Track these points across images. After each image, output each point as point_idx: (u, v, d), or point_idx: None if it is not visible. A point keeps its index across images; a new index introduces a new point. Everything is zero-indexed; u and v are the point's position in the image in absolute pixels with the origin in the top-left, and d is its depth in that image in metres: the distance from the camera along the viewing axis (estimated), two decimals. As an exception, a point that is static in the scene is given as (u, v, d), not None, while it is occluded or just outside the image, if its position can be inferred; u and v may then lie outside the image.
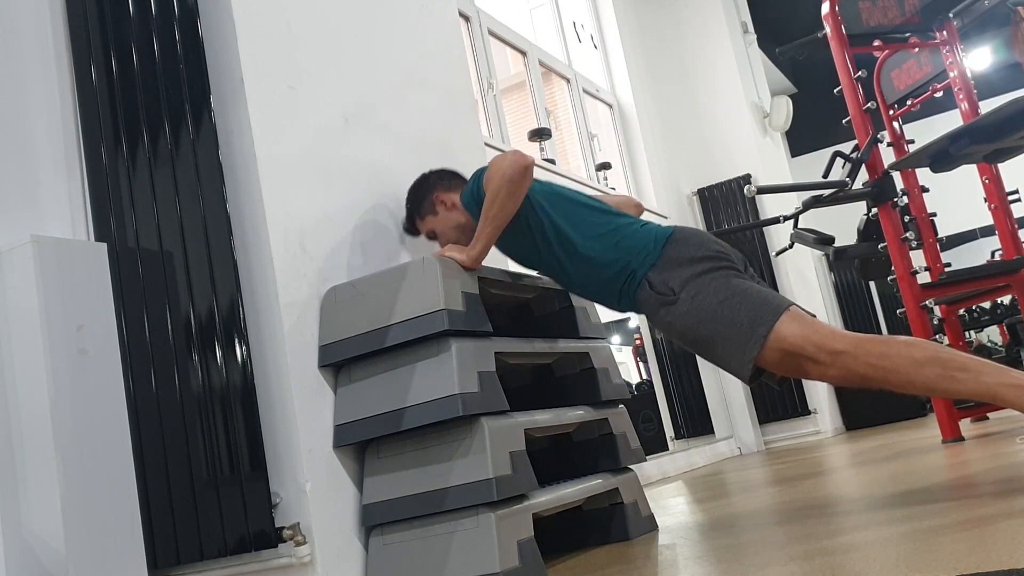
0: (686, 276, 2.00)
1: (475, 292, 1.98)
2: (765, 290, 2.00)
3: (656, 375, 5.49)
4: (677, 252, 2.05)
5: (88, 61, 2.11)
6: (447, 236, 2.25)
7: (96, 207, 2.06)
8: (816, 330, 1.89)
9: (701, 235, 2.12)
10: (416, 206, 2.29)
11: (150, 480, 1.91)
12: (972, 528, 1.49)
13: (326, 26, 2.31)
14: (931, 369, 1.79)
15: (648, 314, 2.09)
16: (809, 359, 1.88)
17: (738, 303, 1.94)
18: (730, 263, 2.04)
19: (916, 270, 3.69)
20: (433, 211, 2.26)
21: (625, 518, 2.23)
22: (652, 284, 2.03)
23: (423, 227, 2.30)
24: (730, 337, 1.93)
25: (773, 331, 1.89)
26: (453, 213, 2.24)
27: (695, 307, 1.97)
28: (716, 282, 1.98)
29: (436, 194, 2.26)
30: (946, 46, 4.11)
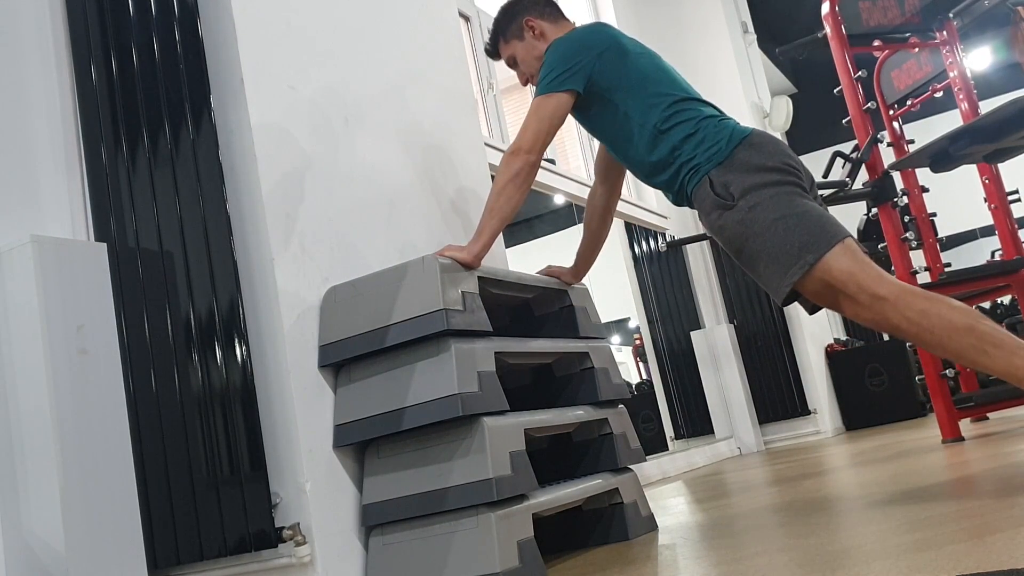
0: (749, 184, 1.95)
1: (475, 292, 1.98)
2: (826, 215, 1.95)
3: (656, 375, 5.50)
4: (747, 156, 1.99)
5: (88, 61, 2.11)
6: (529, 66, 2.18)
7: (96, 207, 2.06)
8: (864, 269, 1.85)
9: (777, 144, 2.06)
10: (503, 26, 2.21)
11: (150, 480, 1.91)
12: (972, 528, 1.49)
13: (326, 25, 2.31)
14: (966, 338, 1.76)
15: (701, 212, 2.04)
16: (849, 296, 1.85)
17: (793, 223, 1.90)
18: (797, 179, 1.99)
19: (916, 270, 3.69)
20: (520, 35, 2.18)
21: (625, 518, 2.23)
22: (713, 183, 1.98)
23: (505, 51, 2.22)
24: (776, 256, 1.90)
25: (822, 260, 1.86)
26: (540, 43, 2.16)
27: (750, 217, 1.93)
28: (777, 197, 1.93)
29: (528, 18, 2.18)
30: (946, 46, 4.11)
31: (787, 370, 5.52)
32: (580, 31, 2.19)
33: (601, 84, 2.10)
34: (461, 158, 2.75)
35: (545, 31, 2.16)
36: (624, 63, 2.11)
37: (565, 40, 2.14)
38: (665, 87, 2.11)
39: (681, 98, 2.10)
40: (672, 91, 2.11)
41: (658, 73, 2.14)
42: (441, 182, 2.60)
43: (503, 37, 2.21)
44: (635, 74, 2.11)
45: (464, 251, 1.99)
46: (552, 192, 4.45)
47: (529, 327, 2.39)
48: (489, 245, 2.03)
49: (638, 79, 2.10)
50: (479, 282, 2.02)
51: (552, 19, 2.19)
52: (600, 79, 2.10)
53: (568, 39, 2.14)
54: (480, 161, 2.87)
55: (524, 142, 2.06)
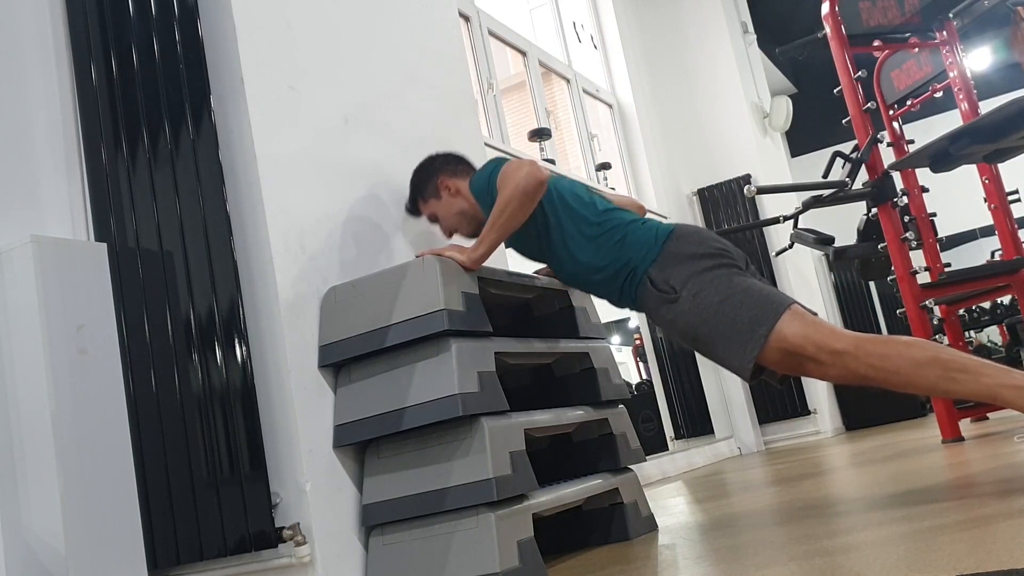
0: (687, 274, 2.00)
1: (475, 292, 1.98)
2: (767, 288, 2.00)
3: (656, 375, 5.49)
4: (678, 248, 2.05)
5: (88, 61, 2.11)
6: (449, 222, 2.24)
7: (96, 207, 2.06)
8: (817, 329, 1.89)
9: (702, 232, 2.12)
10: (420, 188, 2.27)
11: (150, 480, 1.91)
12: (972, 528, 1.49)
13: (326, 26, 2.31)
14: (931, 370, 1.79)
15: (649, 311, 2.09)
16: (810, 359, 1.88)
17: (739, 302, 1.94)
18: (731, 260, 2.04)
19: (916, 270, 3.69)
20: (436, 195, 2.24)
21: (625, 518, 2.23)
22: (653, 281, 2.04)
23: (425, 209, 2.28)
24: (731, 336, 1.94)
25: (774, 331, 1.89)
26: (456, 199, 2.22)
27: (696, 305, 1.97)
28: (717, 280, 1.98)
29: (441, 178, 2.24)
30: (946, 46, 4.11)
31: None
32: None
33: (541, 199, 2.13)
34: (461, 158, 2.74)
35: (460, 188, 2.24)
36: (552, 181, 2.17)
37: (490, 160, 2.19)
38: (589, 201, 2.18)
39: (605, 209, 2.17)
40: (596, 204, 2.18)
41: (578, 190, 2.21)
42: (441, 182, 2.60)
43: (421, 197, 2.29)
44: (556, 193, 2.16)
45: (464, 254, 1.99)
46: (552, 192, 4.44)
47: (529, 327, 2.39)
48: (488, 255, 2.04)
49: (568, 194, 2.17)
50: (479, 282, 2.02)
51: (464, 175, 2.26)
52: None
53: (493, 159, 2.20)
54: (480, 161, 2.86)
55: (528, 164, 2.05)
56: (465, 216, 2.23)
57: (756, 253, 5.71)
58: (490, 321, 2.00)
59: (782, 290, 2.09)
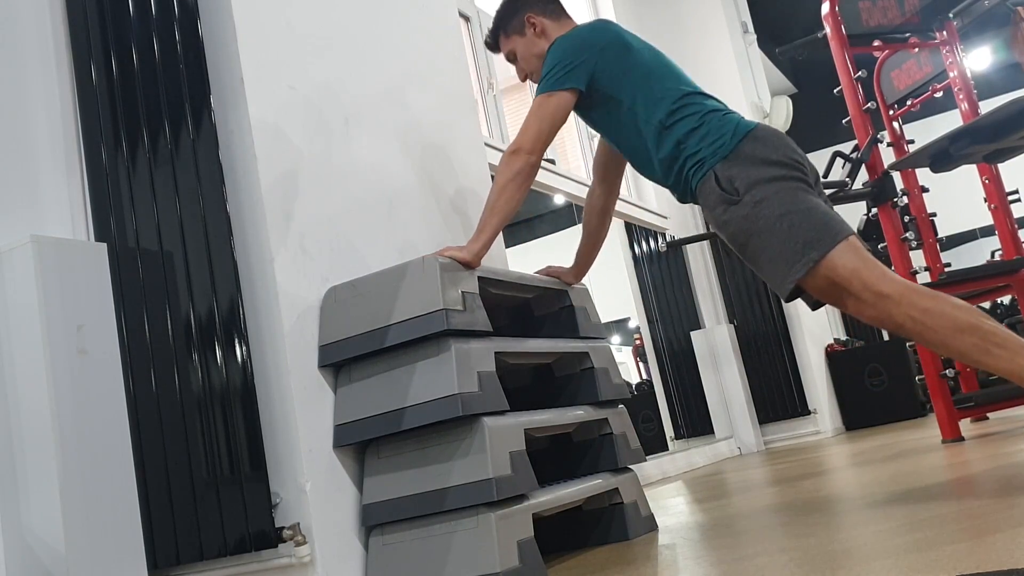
0: (754, 178, 1.94)
1: (475, 292, 1.98)
2: (830, 212, 1.95)
3: (656, 375, 5.49)
4: (752, 149, 1.98)
5: (88, 61, 2.11)
6: (528, 63, 2.16)
7: (96, 207, 2.06)
8: (868, 267, 1.85)
9: (782, 138, 2.05)
10: (505, 20, 2.20)
11: (150, 480, 1.91)
12: (972, 528, 1.49)
13: (326, 26, 2.31)
14: (969, 337, 1.75)
15: (706, 206, 2.03)
16: (852, 294, 1.85)
17: (798, 220, 1.89)
18: (802, 174, 1.98)
19: (916, 270, 3.69)
20: (521, 31, 2.17)
21: (625, 518, 2.23)
22: (718, 178, 1.97)
23: (505, 46, 2.21)
24: (780, 253, 1.89)
25: (826, 257, 1.85)
26: (541, 40, 2.15)
27: (755, 213, 1.92)
28: (782, 193, 1.92)
29: (529, 14, 2.17)
30: (946, 46, 4.11)
31: (787, 370, 5.52)
32: (583, 28, 2.19)
33: (604, 81, 2.09)
34: (461, 158, 2.75)
35: (547, 28, 2.15)
36: (627, 59, 2.10)
37: (567, 38, 2.13)
38: (669, 82, 2.11)
39: (686, 93, 2.10)
40: (676, 86, 2.10)
41: (662, 68, 2.13)
42: (441, 182, 2.60)
43: (504, 31, 2.20)
44: (639, 70, 2.10)
45: (463, 251, 1.98)
46: (552, 192, 4.45)
47: (529, 327, 2.39)
48: (489, 244, 2.03)
49: (642, 75, 2.10)
50: (479, 282, 2.02)
51: (554, 16, 2.18)
52: (603, 76, 2.09)
53: (570, 36, 2.13)
54: (480, 161, 2.87)
55: (525, 142, 2.06)
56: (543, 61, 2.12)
57: (756, 253, 5.70)
58: (490, 321, 2.00)
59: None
